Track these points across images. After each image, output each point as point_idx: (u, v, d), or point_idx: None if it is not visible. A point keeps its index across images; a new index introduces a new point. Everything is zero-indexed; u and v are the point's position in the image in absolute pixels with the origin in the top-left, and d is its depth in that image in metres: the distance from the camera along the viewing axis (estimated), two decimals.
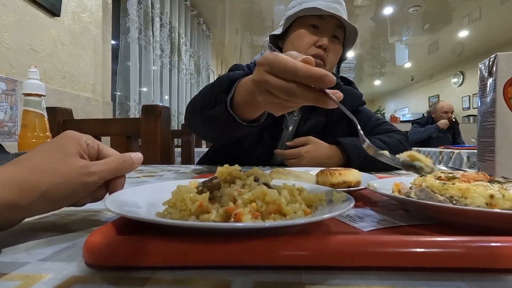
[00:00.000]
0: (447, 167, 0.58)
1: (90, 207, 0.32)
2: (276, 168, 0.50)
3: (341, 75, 1.05)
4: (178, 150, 1.84)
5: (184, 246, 0.20)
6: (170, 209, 0.24)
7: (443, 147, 2.56)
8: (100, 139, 1.16)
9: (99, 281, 0.19)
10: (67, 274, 0.19)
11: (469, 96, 6.26)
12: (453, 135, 3.18)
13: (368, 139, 0.95)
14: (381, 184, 0.40)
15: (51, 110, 1.09)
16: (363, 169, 0.54)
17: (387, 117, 6.84)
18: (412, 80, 8.02)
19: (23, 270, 0.20)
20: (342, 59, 0.95)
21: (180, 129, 1.71)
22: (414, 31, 4.85)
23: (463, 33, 4.91)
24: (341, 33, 0.86)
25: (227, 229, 0.21)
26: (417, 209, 0.33)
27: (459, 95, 6.53)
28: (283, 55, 0.34)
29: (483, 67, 0.52)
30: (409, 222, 0.30)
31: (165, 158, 1.11)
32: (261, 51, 1.06)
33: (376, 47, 5.71)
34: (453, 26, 4.67)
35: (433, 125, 3.08)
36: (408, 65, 6.82)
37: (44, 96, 0.61)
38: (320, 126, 0.89)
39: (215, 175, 0.30)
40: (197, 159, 1.12)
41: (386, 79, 8.23)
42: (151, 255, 0.20)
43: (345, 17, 0.84)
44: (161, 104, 2.88)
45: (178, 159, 1.80)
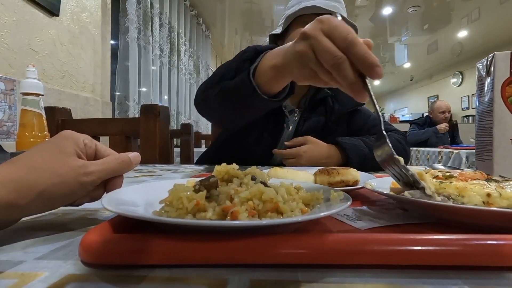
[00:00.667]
0: (445, 166, 0.58)
1: (87, 206, 0.32)
2: (274, 167, 0.50)
3: None
4: (177, 150, 1.84)
5: (181, 244, 0.20)
6: (166, 208, 0.24)
7: (442, 147, 2.57)
8: (99, 139, 1.15)
9: (95, 279, 0.19)
10: (63, 272, 0.19)
11: (468, 96, 6.27)
12: (451, 135, 3.21)
13: (367, 138, 0.93)
14: (379, 183, 0.40)
15: (50, 110, 1.09)
16: (361, 168, 0.54)
17: (387, 117, 6.85)
18: (411, 80, 8.03)
19: (19, 269, 0.20)
20: None
21: (180, 129, 1.71)
22: (413, 31, 4.85)
23: (462, 33, 4.92)
24: None
25: (224, 227, 0.21)
26: (414, 208, 0.33)
27: (458, 95, 6.54)
28: (346, 25, 0.32)
29: (481, 66, 0.52)
30: (406, 221, 0.30)
31: (164, 158, 1.11)
32: None
33: (375, 47, 5.70)
34: (452, 26, 4.68)
35: (432, 128, 3.10)
36: (407, 65, 6.83)
37: (42, 95, 0.61)
38: (319, 126, 0.89)
39: (213, 173, 0.30)
40: (196, 159, 1.12)
41: (386, 79, 8.24)
42: (147, 253, 0.20)
43: (344, 15, 0.84)
44: (160, 104, 2.88)
45: (178, 159, 1.80)
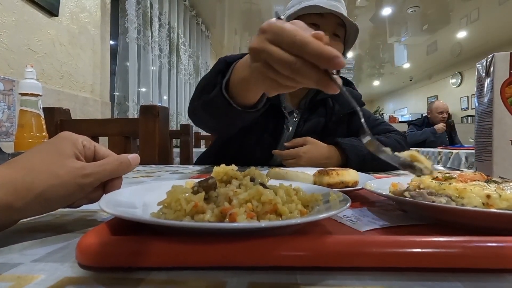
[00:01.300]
0: (444, 167, 0.58)
1: (86, 207, 0.32)
2: (274, 168, 0.50)
3: (341, 75, 1.05)
4: (176, 151, 1.84)
5: (179, 247, 0.20)
6: (164, 209, 0.24)
7: (441, 147, 2.57)
8: (98, 139, 1.15)
9: (92, 282, 0.18)
10: (60, 275, 0.19)
11: (468, 97, 6.28)
12: (449, 134, 3.23)
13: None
14: (379, 184, 0.40)
15: (49, 110, 1.09)
16: (361, 169, 0.54)
17: (386, 117, 6.86)
18: (410, 80, 8.04)
19: (15, 271, 0.20)
20: None
21: (179, 129, 1.71)
22: (412, 31, 4.86)
23: (462, 34, 4.93)
24: (341, 31, 0.86)
25: (222, 230, 0.21)
26: (414, 209, 0.33)
27: (457, 95, 6.55)
28: (290, 25, 0.30)
29: (480, 67, 0.52)
30: (406, 222, 0.30)
31: (163, 159, 1.11)
32: None
33: (375, 47, 5.72)
34: (452, 27, 4.69)
35: (429, 128, 3.14)
36: (407, 65, 6.83)
37: (40, 95, 0.61)
38: (319, 127, 0.89)
39: (212, 175, 0.30)
40: (195, 159, 1.11)
41: (385, 79, 8.25)
42: (145, 255, 0.20)
43: (345, 15, 0.84)
44: (159, 105, 2.88)
45: (177, 159, 1.80)
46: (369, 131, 0.30)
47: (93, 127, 1.14)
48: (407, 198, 0.29)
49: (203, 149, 2.23)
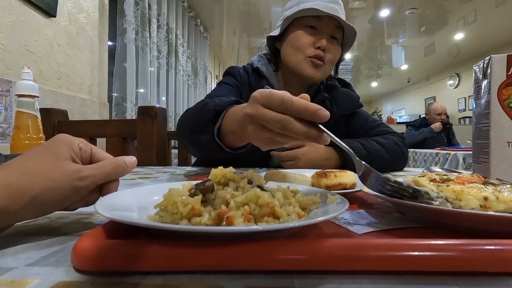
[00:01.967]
0: (442, 168, 0.58)
1: (82, 209, 0.31)
2: (272, 170, 0.50)
3: (339, 76, 1.05)
4: (175, 152, 1.83)
5: (175, 251, 0.20)
6: (161, 212, 0.23)
7: (439, 148, 2.58)
8: (95, 140, 1.15)
9: (88, 286, 0.18)
10: (54, 279, 0.19)
11: (465, 98, 6.31)
12: (447, 136, 3.25)
13: (365, 141, 0.94)
14: None
15: (46, 111, 1.09)
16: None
17: (384, 118, 6.87)
18: (408, 82, 8.07)
19: (9, 276, 0.19)
20: (340, 59, 0.95)
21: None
22: (410, 33, 4.88)
23: (459, 36, 4.95)
24: (339, 33, 0.86)
25: (218, 233, 0.21)
26: (411, 211, 0.32)
27: (455, 97, 6.58)
28: (278, 90, 0.34)
29: (477, 69, 0.52)
30: (403, 225, 0.30)
31: (161, 160, 1.10)
32: (258, 52, 1.06)
33: (373, 49, 5.74)
34: (449, 29, 4.71)
35: (427, 128, 3.18)
36: (404, 67, 6.86)
37: (37, 97, 0.60)
38: None
39: (209, 177, 0.30)
40: (193, 160, 1.11)
41: (383, 80, 8.27)
42: (141, 259, 0.20)
43: (343, 17, 0.84)
44: (157, 106, 2.87)
45: (175, 160, 1.79)
46: (365, 163, 0.32)
47: (90, 128, 1.13)
48: (404, 201, 0.29)
49: None
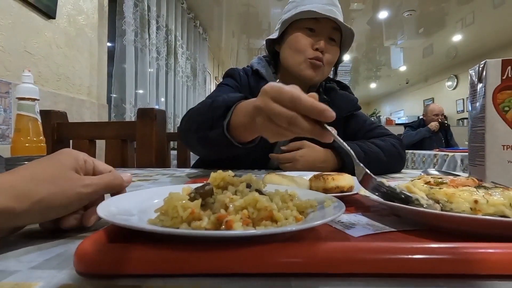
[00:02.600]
0: (439, 171, 0.59)
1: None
2: (270, 172, 0.51)
3: (338, 78, 1.06)
4: (174, 153, 1.83)
5: (176, 254, 0.20)
6: (162, 216, 0.24)
7: (437, 150, 2.59)
8: (95, 142, 1.15)
9: None
10: (57, 282, 0.19)
11: (463, 99, 6.33)
12: (445, 136, 3.27)
13: (363, 143, 0.94)
14: None
15: (46, 113, 1.09)
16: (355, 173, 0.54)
17: (383, 119, 6.89)
18: (407, 83, 8.10)
19: (13, 279, 0.20)
20: (339, 61, 0.96)
21: (176, 131, 1.71)
22: (409, 35, 4.90)
23: (457, 37, 4.98)
24: (337, 35, 0.87)
25: (218, 237, 0.21)
26: (406, 215, 0.33)
27: (453, 98, 6.60)
28: (288, 86, 0.35)
29: (473, 73, 0.53)
30: (400, 228, 0.31)
31: (160, 162, 1.11)
32: (258, 54, 1.06)
33: (371, 50, 5.76)
34: (447, 30, 4.73)
35: (424, 128, 3.19)
36: (403, 68, 6.89)
37: (38, 100, 0.61)
38: None
39: (208, 181, 0.30)
40: (192, 162, 1.11)
41: (382, 82, 8.30)
42: (142, 263, 0.20)
43: (341, 19, 0.85)
44: (157, 107, 2.87)
45: (174, 161, 1.79)
46: (364, 168, 0.33)
47: (90, 130, 1.13)
48: (399, 204, 0.30)
49: None
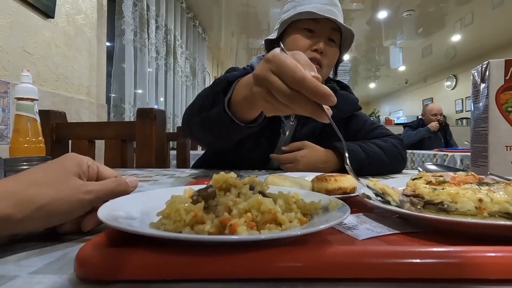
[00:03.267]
0: (436, 165, 0.58)
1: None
2: (272, 174, 0.50)
3: (337, 78, 1.05)
4: (173, 153, 1.83)
5: (178, 259, 0.20)
6: (164, 220, 0.23)
7: (437, 149, 2.60)
8: (94, 143, 1.14)
9: None
10: None
11: (462, 99, 6.35)
12: (444, 136, 3.28)
13: (364, 143, 0.95)
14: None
15: (44, 113, 1.08)
16: (358, 173, 0.54)
17: (382, 119, 6.90)
18: (406, 83, 8.11)
19: (12, 284, 0.19)
20: (339, 61, 0.95)
21: (176, 131, 1.70)
22: (408, 35, 4.91)
23: (456, 37, 4.99)
24: (337, 35, 0.87)
25: (222, 242, 0.21)
26: (410, 218, 0.33)
27: (452, 98, 6.62)
28: (292, 60, 0.33)
29: (476, 73, 0.52)
30: (403, 230, 0.30)
31: (160, 162, 1.10)
32: (257, 54, 1.06)
33: (370, 50, 5.77)
34: (446, 31, 4.74)
35: (424, 128, 3.20)
36: (402, 68, 6.90)
37: (37, 100, 0.60)
38: (317, 131, 0.89)
39: (211, 183, 0.30)
40: (192, 162, 1.11)
41: (381, 82, 8.31)
42: (144, 268, 0.20)
43: (340, 19, 0.84)
44: (156, 107, 2.86)
45: (174, 162, 1.79)
46: (348, 163, 0.35)
47: (89, 130, 1.13)
48: (401, 209, 0.30)
49: (200, 151, 2.22)
